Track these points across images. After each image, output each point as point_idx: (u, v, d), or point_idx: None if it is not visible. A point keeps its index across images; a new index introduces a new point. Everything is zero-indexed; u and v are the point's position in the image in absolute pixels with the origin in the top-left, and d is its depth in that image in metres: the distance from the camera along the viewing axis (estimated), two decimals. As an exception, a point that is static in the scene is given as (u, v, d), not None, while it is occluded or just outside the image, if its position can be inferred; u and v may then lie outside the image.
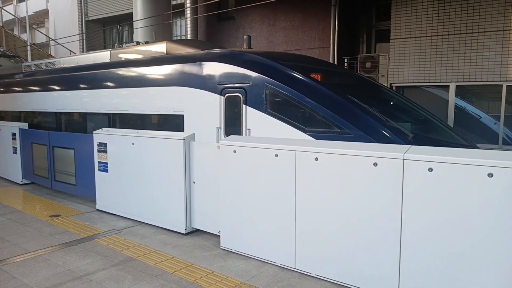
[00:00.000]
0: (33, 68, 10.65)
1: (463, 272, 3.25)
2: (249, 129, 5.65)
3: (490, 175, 3.08)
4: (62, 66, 9.73)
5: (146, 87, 7.06)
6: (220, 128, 5.92)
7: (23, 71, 11.03)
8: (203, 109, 6.17)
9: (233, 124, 5.84)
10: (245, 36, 7.00)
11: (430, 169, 3.33)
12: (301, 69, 5.74)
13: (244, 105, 5.66)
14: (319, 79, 5.76)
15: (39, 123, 10.08)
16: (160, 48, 7.44)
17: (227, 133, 5.84)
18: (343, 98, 5.20)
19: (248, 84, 5.67)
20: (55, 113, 9.40)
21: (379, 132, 4.79)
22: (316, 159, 3.99)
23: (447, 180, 3.26)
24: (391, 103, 6.56)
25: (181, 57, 6.74)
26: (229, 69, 5.93)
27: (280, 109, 5.41)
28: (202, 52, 6.52)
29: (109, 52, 8.50)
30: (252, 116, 5.59)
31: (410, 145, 3.77)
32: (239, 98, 5.72)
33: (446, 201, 3.28)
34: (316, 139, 4.80)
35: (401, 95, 7.47)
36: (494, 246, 3.11)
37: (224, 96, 5.89)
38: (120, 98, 7.58)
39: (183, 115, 6.42)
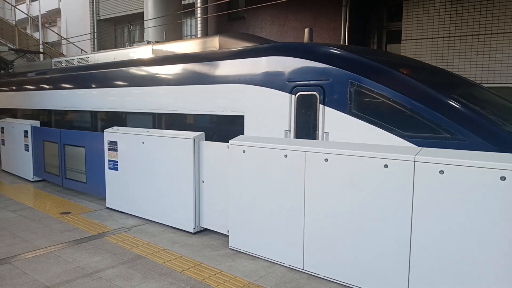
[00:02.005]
0: (63, 64, 9.89)
1: (474, 275, 3.21)
2: (326, 132, 4.90)
3: (503, 178, 3.04)
4: (96, 62, 8.90)
5: (197, 85, 6.30)
6: (289, 131, 5.17)
7: (53, 67, 10.21)
8: (268, 110, 5.41)
9: (305, 127, 5.12)
10: (306, 29, 5.94)
11: (442, 172, 3.29)
12: (389, 64, 5.04)
13: (321, 105, 4.92)
14: (412, 75, 5.03)
15: (71, 123, 9.21)
16: (212, 42, 6.72)
17: (298, 137, 5.13)
18: (450, 98, 4.42)
19: (327, 81, 4.91)
20: (91, 112, 8.55)
21: (502, 138, 4.00)
22: (326, 160, 3.98)
23: (459, 183, 3.23)
24: (496, 103, 5.61)
25: (241, 51, 5.96)
26: (302, 64, 5.18)
27: (370, 110, 4.66)
28: (267, 45, 5.79)
29: (151, 47, 7.77)
30: (331, 118, 4.85)
31: (421, 147, 3.73)
32: (315, 97, 4.98)
33: (457, 204, 3.25)
34: (418, 145, 4.13)
35: (498, 94, 6.34)
36: (506, 250, 3.07)
37: (295, 94, 5.15)
38: (166, 96, 6.78)
39: (243, 115, 5.62)
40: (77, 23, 23.51)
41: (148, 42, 8.95)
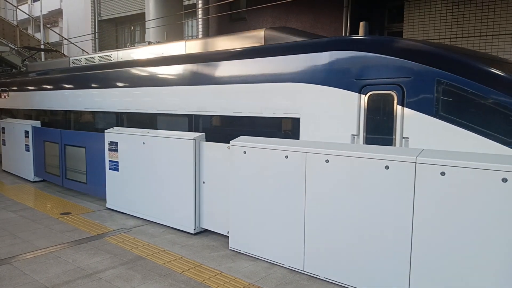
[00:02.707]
0: (83, 63, 9.13)
1: (476, 277, 3.19)
2: (406, 137, 4.32)
3: (505, 180, 3.02)
4: (121, 59, 8.15)
5: (242, 84, 5.64)
6: (358, 135, 4.54)
7: (71, 65, 9.46)
8: (330, 111, 4.77)
9: (378, 131, 4.52)
10: (361, 23, 5.42)
11: (443, 173, 3.28)
12: (480, 60, 4.49)
13: (399, 106, 4.36)
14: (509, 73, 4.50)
15: (95, 126, 8.34)
16: (256, 37, 6.06)
17: (368, 142, 4.54)
18: None
19: (407, 79, 4.36)
20: (116, 113, 7.74)
21: None
22: (327, 161, 3.97)
23: (460, 185, 3.21)
24: None
25: (297, 46, 5.28)
26: (376, 59, 4.58)
27: (464, 113, 4.06)
28: (330, 39, 5.16)
29: (184, 43, 7.03)
30: (413, 121, 4.27)
31: (422, 149, 3.72)
32: (391, 97, 4.41)
33: (459, 205, 3.23)
34: None
35: None
36: (508, 251, 3.05)
37: (365, 94, 4.57)
38: (204, 97, 6.06)
39: (298, 118, 4.99)
40: (78, 23, 23.55)
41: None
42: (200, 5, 13.00)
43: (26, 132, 9.20)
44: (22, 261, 4.58)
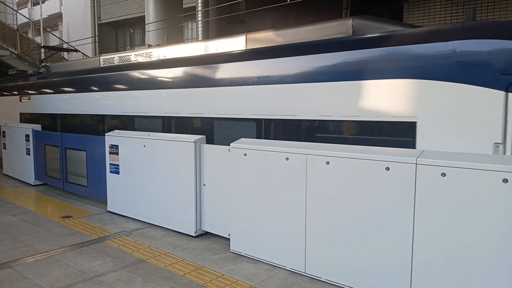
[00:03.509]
0: (116, 62, 8.21)
1: (477, 278, 3.19)
2: None
3: (505, 180, 3.02)
4: (163, 57, 7.26)
5: (329, 82, 4.68)
6: (504, 143, 3.71)
7: (102, 65, 8.54)
8: (461, 114, 3.91)
9: None
10: (468, 9, 4.72)
11: (443, 174, 3.28)
12: None
13: None
14: None
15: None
16: (342, 27, 5.13)
17: None
18: None
19: None
20: (151, 117, 6.75)
21: None
22: (328, 163, 3.97)
23: (461, 186, 3.22)
24: None
25: (411, 35, 4.38)
26: None
27: None
28: (457, 25, 4.27)
29: (244, 37, 6.06)
30: None
31: (423, 150, 3.72)
32: None
33: (459, 206, 3.23)
34: None
35: None
36: (509, 253, 3.05)
37: None
38: (276, 98, 5.08)
39: (414, 122, 4.09)
40: (78, 27, 23.59)
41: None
42: (199, 8, 13.03)
43: (27, 135, 9.21)
44: (24, 265, 4.58)
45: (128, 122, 7.25)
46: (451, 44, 3.99)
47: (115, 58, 8.27)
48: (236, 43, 6.17)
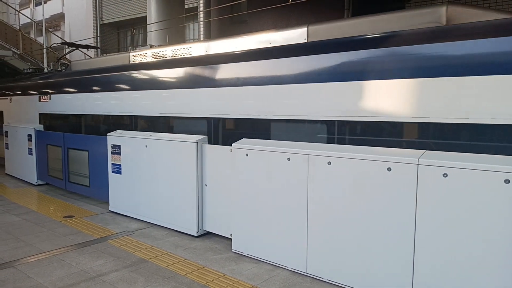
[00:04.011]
0: (148, 58, 7.44)
1: (479, 279, 3.19)
2: None
3: (507, 181, 3.03)
4: (205, 53, 6.45)
5: (418, 78, 3.90)
6: None
7: (131, 62, 7.74)
8: None
9: None
10: None
11: (445, 175, 3.29)
12: None
13: None
14: None
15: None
16: (432, 15, 4.42)
17: None
18: None
19: None
20: (209, 119, 5.78)
21: None
22: (329, 163, 3.98)
23: (463, 186, 3.22)
24: None
25: None
26: None
27: None
28: None
29: (305, 29, 5.32)
30: None
31: (424, 150, 3.72)
32: None
33: (461, 207, 3.24)
34: None
35: None
36: (511, 253, 3.05)
37: None
38: (354, 97, 4.31)
39: None
40: (80, 27, 23.65)
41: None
42: (201, 8, 13.06)
43: (29, 135, 9.23)
44: (26, 264, 4.59)
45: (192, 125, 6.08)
46: None
47: (148, 54, 7.52)
48: (297, 36, 5.41)
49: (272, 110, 5.01)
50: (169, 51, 7.16)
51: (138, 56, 7.72)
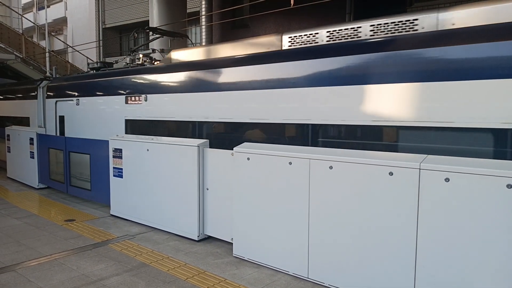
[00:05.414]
0: (321, 41, 5.19)
1: (481, 284, 3.17)
2: None
3: (509, 186, 3.01)
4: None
5: None
6: None
7: (287, 47, 5.53)
8: None
9: None
10: None
11: (447, 179, 3.27)
12: None
13: None
14: None
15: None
16: None
17: None
18: None
19: None
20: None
21: None
22: (331, 167, 3.97)
23: (464, 191, 3.20)
24: None
25: None
26: None
27: None
28: None
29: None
30: None
31: (426, 155, 3.71)
32: None
33: (463, 211, 3.22)
34: None
35: None
36: (514, 259, 3.04)
37: None
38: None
39: None
40: (83, 31, 23.77)
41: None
42: (203, 12, 13.10)
43: (31, 139, 9.25)
44: (27, 268, 4.59)
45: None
46: None
47: (303, 37, 5.34)
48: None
49: None
50: (346, 29, 4.98)
51: (295, 38, 5.46)
